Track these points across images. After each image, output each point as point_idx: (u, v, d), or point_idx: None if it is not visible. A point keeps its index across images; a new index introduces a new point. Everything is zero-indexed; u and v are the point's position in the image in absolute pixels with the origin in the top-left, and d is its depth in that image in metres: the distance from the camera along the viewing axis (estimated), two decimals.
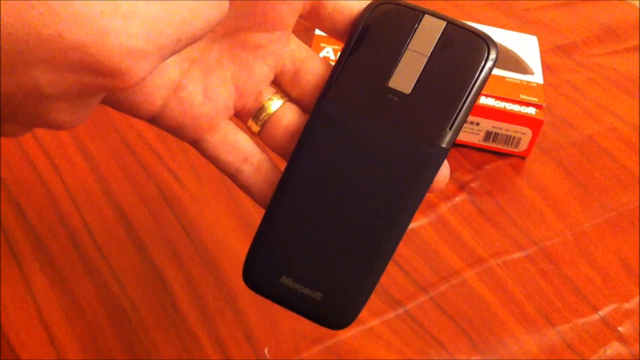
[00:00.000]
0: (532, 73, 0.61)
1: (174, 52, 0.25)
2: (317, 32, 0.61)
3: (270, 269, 0.32)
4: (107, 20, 0.22)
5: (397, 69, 0.31)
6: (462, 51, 0.31)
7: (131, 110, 0.31)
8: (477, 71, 0.31)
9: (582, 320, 0.48)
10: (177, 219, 0.50)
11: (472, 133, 0.58)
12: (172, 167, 0.54)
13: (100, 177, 0.52)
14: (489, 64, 0.31)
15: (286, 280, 0.32)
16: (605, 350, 0.47)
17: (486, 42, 0.31)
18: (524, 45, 0.64)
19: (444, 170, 0.31)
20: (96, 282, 0.45)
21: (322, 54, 0.60)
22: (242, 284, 0.46)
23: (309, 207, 0.31)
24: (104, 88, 0.24)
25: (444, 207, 0.54)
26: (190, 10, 0.25)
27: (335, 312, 0.32)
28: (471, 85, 0.31)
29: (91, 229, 0.48)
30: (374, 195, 0.31)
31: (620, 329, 0.48)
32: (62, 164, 0.52)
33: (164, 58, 0.25)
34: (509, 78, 0.60)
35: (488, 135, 0.58)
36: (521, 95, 0.58)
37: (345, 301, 0.32)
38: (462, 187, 0.56)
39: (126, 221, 0.49)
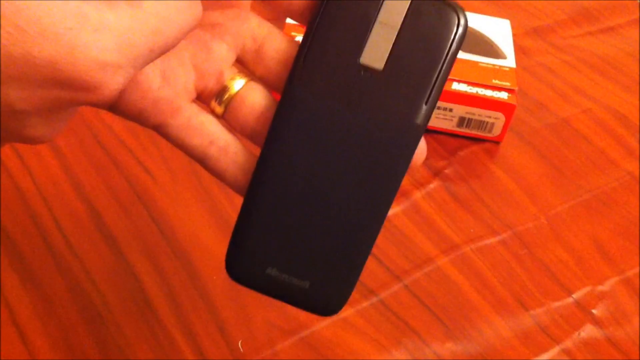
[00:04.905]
0: (504, 57, 0.61)
1: (147, 63, 0.25)
2: (288, 20, 0.60)
3: (255, 260, 0.32)
4: (76, 35, 0.22)
5: (367, 44, 0.30)
6: (432, 22, 0.30)
7: None
8: (448, 42, 0.30)
9: (556, 304, 0.48)
10: (149, 213, 0.50)
11: (446, 119, 0.58)
12: (143, 161, 0.53)
13: (70, 173, 0.52)
14: (460, 33, 0.30)
15: (272, 271, 0.31)
16: (579, 333, 0.47)
17: (455, 10, 0.30)
18: (497, 30, 0.64)
19: (421, 146, 0.31)
20: (67, 280, 0.45)
21: None
22: (215, 276, 0.46)
23: (289, 195, 0.31)
24: (77, 102, 0.24)
25: (417, 195, 0.54)
26: (162, 19, 0.25)
27: (325, 299, 0.32)
28: (443, 57, 0.30)
29: (62, 226, 0.48)
30: (353, 178, 0.31)
31: (594, 311, 0.48)
32: (31, 160, 0.52)
33: (137, 69, 0.25)
34: (481, 63, 0.59)
35: (461, 121, 0.58)
36: (493, 80, 0.58)
37: (334, 286, 0.32)
38: (436, 173, 0.56)
39: (97, 217, 0.49)
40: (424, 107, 0.30)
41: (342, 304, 0.32)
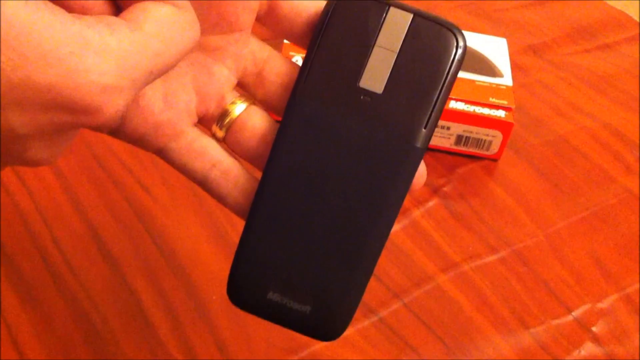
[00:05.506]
0: (501, 75, 0.61)
1: (146, 84, 0.26)
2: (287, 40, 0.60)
3: (256, 285, 0.32)
4: (78, 59, 0.23)
5: (366, 67, 0.31)
6: (431, 45, 0.30)
7: None
8: (447, 65, 0.30)
9: (555, 322, 0.48)
10: (148, 232, 0.50)
11: (443, 137, 0.58)
12: (142, 180, 0.53)
13: (70, 193, 0.52)
14: (458, 55, 0.30)
15: (273, 296, 0.31)
16: (579, 351, 0.47)
17: (454, 33, 0.31)
18: (494, 48, 0.65)
19: (421, 169, 0.31)
20: (67, 299, 0.45)
21: None
22: (214, 295, 0.46)
23: (290, 218, 0.31)
24: (78, 125, 0.24)
25: (417, 212, 0.54)
26: (162, 41, 0.25)
27: (326, 324, 0.32)
28: (442, 81, 0.30)
29: (61, 246, 0.48)
30: (355, 201, 0.31)
31: (594, 329, 0.48)
32: (31, 180, 0.52)
33: (137, 91, 0.25)
34: (478, 81, 0.60)
35: (459, 139, 0.58)
36: (490, 99, 0.58)
37: (335, 311, 0.32)
38: (434, 191, 0.56)
39: (97, 237, 0.49)
40: (424, 130, 0.31)
41: (343, 330, 0.32)
